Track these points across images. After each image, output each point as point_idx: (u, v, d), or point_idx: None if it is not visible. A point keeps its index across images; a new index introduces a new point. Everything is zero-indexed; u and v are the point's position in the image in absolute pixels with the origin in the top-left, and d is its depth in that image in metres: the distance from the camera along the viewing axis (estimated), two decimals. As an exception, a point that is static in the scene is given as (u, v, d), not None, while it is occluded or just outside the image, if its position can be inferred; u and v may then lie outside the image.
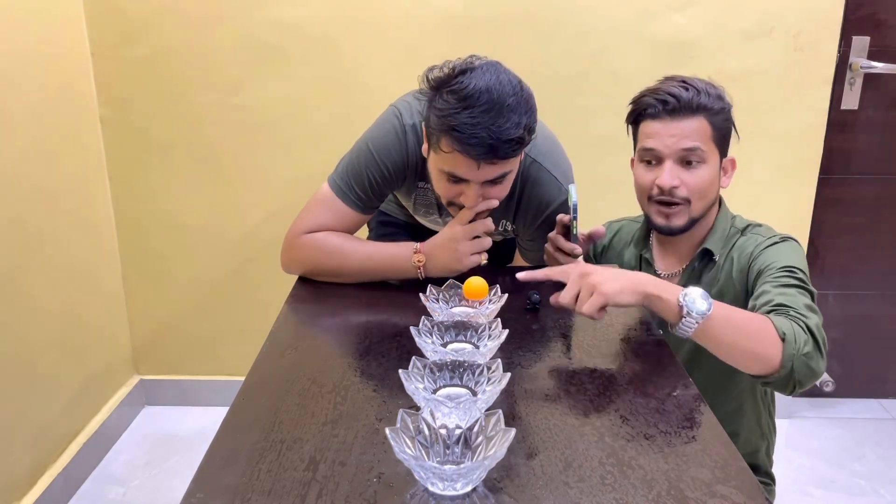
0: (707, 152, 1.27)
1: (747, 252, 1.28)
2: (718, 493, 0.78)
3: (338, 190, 1.36)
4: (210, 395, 2.35)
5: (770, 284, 1.16)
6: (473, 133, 1.12)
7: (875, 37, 2.07)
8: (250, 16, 2.02)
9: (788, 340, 1.03)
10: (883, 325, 2.35)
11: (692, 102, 1.25)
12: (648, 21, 2.01)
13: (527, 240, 1.48)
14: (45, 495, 1.82)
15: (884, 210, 2.24)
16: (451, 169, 1.20)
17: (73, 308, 1.99)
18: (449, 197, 1.28)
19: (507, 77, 1.16)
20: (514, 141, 1.15)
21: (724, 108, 1.28)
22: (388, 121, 1.36)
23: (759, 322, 1.05)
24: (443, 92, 1.17)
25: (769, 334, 1.04)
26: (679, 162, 1.27)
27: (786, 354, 1.02)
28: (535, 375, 1.04)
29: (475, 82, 1.13)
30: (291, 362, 1.08)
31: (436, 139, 1.20)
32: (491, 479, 0.80)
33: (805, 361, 1.03)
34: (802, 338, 1.04)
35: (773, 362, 1.03)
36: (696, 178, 1.27)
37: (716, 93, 1.28)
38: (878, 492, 2.00)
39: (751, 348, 1.04)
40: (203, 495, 0.78)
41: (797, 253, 1.24)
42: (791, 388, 1.06)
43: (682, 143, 1.26)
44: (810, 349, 1.04)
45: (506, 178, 1.24)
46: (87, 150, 2.08)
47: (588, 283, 1.08)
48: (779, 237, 1.27)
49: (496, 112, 1.12)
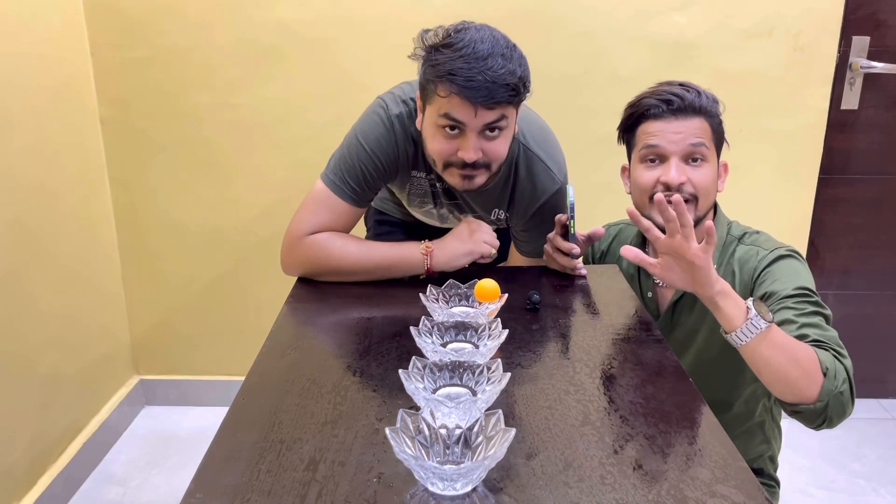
0: (709, 152, 1.27)
1: (750, 267, 1.26)
2: (718, 493, 0.78)
3: (332, 185, 1.37)
4: (210, 395, 2.35)
5: (791, 312, 1.14)
6: (470, 76, 1.15)
7: (875, 37, 2.07)
8: (250, 16, 2.02)
9: (829, 377, 1.03)
10: (883, 325, 2.35)
11: (695, 103, 1.26)
12: (648, 21, 2.01)
13: (520, 230, 1.48)
14: (44, 495, 1.82)
15: (884, 210, 2.24)
16: (448, 110, 1.20)
17: (73, 308, 1.99)
18: (446, 153, 1.25)
19: (500, 34, 1.22)
20: (509, 86, 1.17)
21: (719, 114, 1.30)
22: (374, 112, 1.37)
23: (806, 351, 1.05)
24: (438, 47, 1.20)
25: (813, 365, 1.04)
26: (684, 159, 1.27)
27: (825, 389, 1.03)
28: (535, 375, 1.04)
29: (470, 35, 1.18)
30: (291, 362, 1.08)
31: (433, 88, 1.21)
32: (491, 479, 0.79)
33: (840, 400, 1.04)
34: (842, 376, 1.05)
35: (812, 393, 1.04)
36: (701, 176, 1.26)
37: (712, 97, 1.29)
38: (878, 492, 2.00)
39: (795, 374, 1.04)
40: (203, 495, 0.78)
41: (804, 270, 1.22)
42: (819, 423, 1.07)
43: (689, 139, 1.26)
44: (846, 390, 1.04)
45: (502, 133, 1.24)
46: (87, 150, 2.08)
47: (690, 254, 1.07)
48: (782, 251, 1.25)
49: (492, 59, 1.16)
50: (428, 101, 1.24)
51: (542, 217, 1.40)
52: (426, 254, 1.34)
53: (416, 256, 1.35)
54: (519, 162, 1.38)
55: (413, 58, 1.24)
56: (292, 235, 1.37)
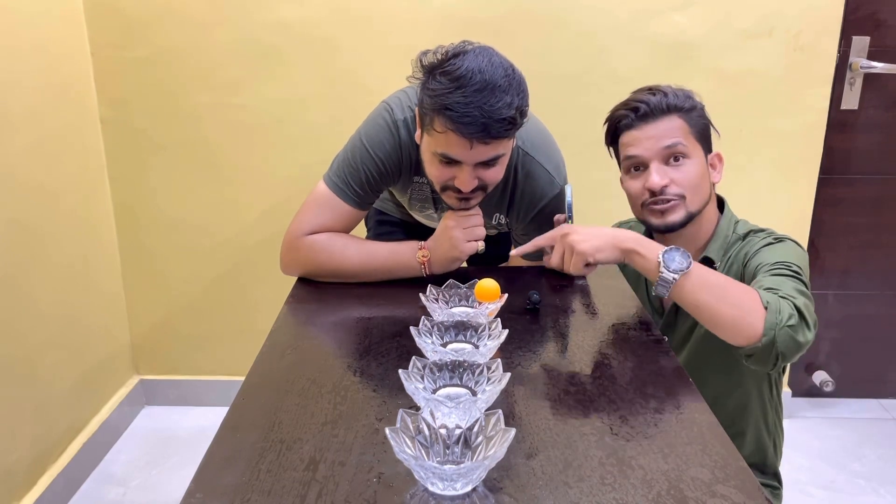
0: (689, 146, 1.28)
1: (744, 253, 1.27)
2: (718, 493, 0.78)
3: (334, 187, 1.37)
4: (210, 395, 2.35)
5: (763, 274, 1.16)
6: (466, 112, 1.13)
7: (875, 37, 2.07)
8: (250, 16, 2.02)
9: (772, 310, 1.03)
10: (883, 325, 2.35)
11: (662, 104, 1.27)
12: (648, 21, 2.01)
13: (521, 234, 1.48)
14: (45, 495, 1.82)
15: (884, 210, 2.24)
16: (445, 150, 1.20)
17: (72, 308, 1.99)
18: (442, 181, 1.26)
19: (498, 59, 1.18)
20: (506, 120, 1.15)
21: (696, 106, 1.30)
22: (379, 115, 1.37)
23: (742, 290, 1.06)
24: (436, 74, 1.18)
25: (753, 303, 1.04)
26: (664, 161, 1.28)
27: (768, 323, 1.02)
28: (535, 375, 1.04)
29: (467, 64, 1.15)
30: (291, 362, 1.08)
31: (429, 120, 1.20)
32: (491, 479, 0.79)
33: (789, 333, 1.03)
34: (787, 311, 1.03)
35: (755, 330, 1.03)
36: (683, 173, 1.27)
37: (683, 94, 1.30)
38: (878, 492, 2.00)
39: (731, 313, 1.05)
40: (203, 495, 0.78)
41: (794, 251, 1.23)
42: (773, 362, 1.05)
43: (662, 141, 1.27)
44: (795, 322, 1.03)
45: (498, 161, 1.24)
46: (87, 150, 2.08)
47: (567, 243, 1.14)
48: (779, 235, 1.27)
49: (488, 92, 1.13)
50: (425, 129, 1.23)
51: (542, 221, 1.40)
52: (423, 263, 1.34)
53: (413, 265, 1.35)
54: (518, 166, 1.37)
55: (411, 80, 1.24)
56: (292, 235, 1.37)
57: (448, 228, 1.33)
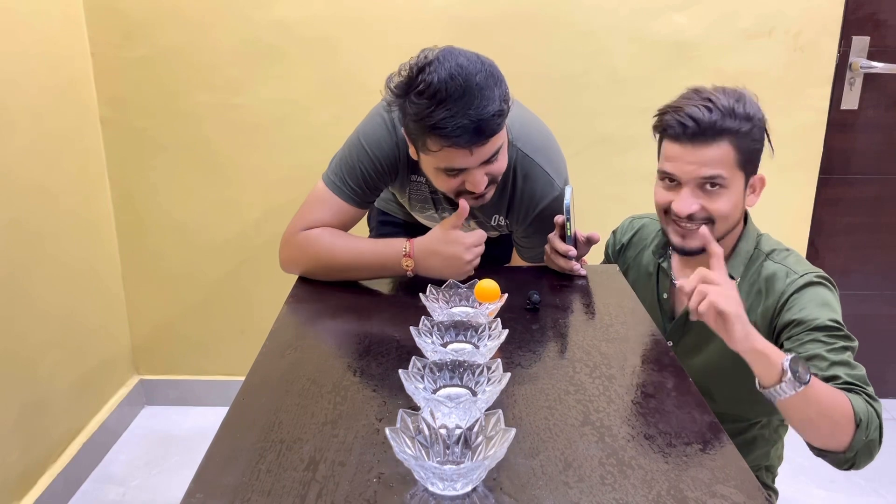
0: (729, 178, 1.19)
1: (778, 289, 1.21)
2: (718, 493, 0.78)
3: (332, 185, 1.37)
4: (210, 395, 2.35)
5: (822, 347, 1.10)
6: (456, 124, 1.12)
7: (875, 37, 2.07)
8: (250, 16, 2.02)
9: (862, 427, 1.02)
10: (883, 325, 2.35)
11: (715, 126, 1.17)
12: (648, 21, 2.01)
13: (521, 236, 1.48)
14: (44, 495, 1.82)
15: (884, 210, 2.24)
16: (448, 164, 1.20)
17: (72, 308, 1.99)
18: (454, 189, 1.27)
19: (464, 59, 1.15)
20: (495, 116, 1.15)
21: (753, 128, 1.19)
22: (377, 114, 1.37)
23: (839, 403, 1.02)
24: (410, 96, 1.16)
25: (847, 418, 1.02)
26: (699, 187, 1.21)
27: (856, 439, 1.02)
28: (536, 375, 1.04)
29: (438, 75, 1.12)
30: (291, 362, 1.08)
31: (421, 143, 1.20)
32: (491, 479, 0.79)
33: (869, 448, 1.03)
34: (875, 424, 1.03)
35: (843, 444, 1.03)
36: (716, 204, 1.20)
37: (743, 112, 1.18)
38: (878, 492, 2.00)
39: (829, 427, 1.03)
40: (203, 495, 0.78)
41: (833, 300, 1.18)
42: (846, 467, 1.06)
43: (702, 171, 1.19)
44: (875, 437, 1.03)
45: (499, 153, 1.24)
46: (87, 150, 2.08)
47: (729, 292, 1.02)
48: (812, 277, 1.20)
49: (469, 96, 1.12)
50: (420, 149, 1.23)
51: (542, 223, 1.40)
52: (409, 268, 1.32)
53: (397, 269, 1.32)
54: (517, 168, 1.37)
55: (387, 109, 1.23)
56: (289, 232, 1.38)
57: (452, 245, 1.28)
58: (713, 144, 1.18)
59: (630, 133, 2.00)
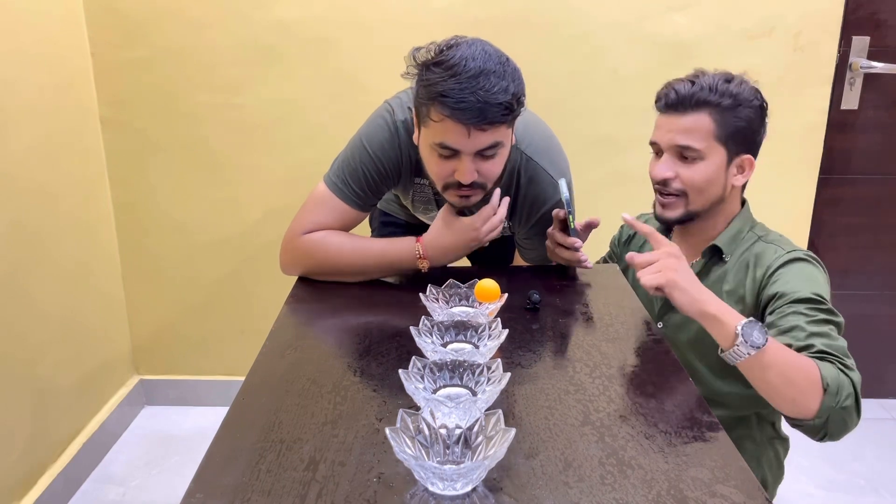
0: (704, 150, 1.24)
1: (764, 262, 1.24)
2: (718, 493, 0.78)
3: (334, 187, 1.36)
4: (210, 395, 2.35)
5: (802, 318, 1.12)
6: (462, 97, 1.13)
7: (875, 37, 2.07)
8: (250, 16, 2.02)
9: (830, 392, 1.01)
10: (883, 325, 2.35)
11: (692, 98, 1.23)
12: (648, 21, 2.01)
13: (524, 238, 1.48)
14: (44, 495, 1.82)
15: (884, 210, 2.24)
16: (442, 139, 1.19)
17: (72, 308, 1.99)
18: (443, 176, 1.25)
19: (492, 49, 1.19)
20: (502, 105, 1.15)
21: (738, 105, 1.23)
22: (380, 116, 1.37)
23: (805, 367, 1.03)
24: (430, 66, 1.18)
25: (812, 382, 1.02)
26: (676, 156, 1.27)
27: (824, 405, 1.02)
28: (535, 375, 1.04)
29: (461, 53, 1.16)
30: (291, 362, 1.08)
31: (425, 111, 1.19)
32: (491, 479, 0.80)
33: (842, 415, 1.02)
34: (846, 391, 1.02)
35: (811, 409, 1.02)
36: (691, 173, 1.26)
37: (727, 89, 1.23)
38: (878, 492, 2.00)
39: (792, 392, 1.03)
40: (203, 495, 0.78)
41: (819, 275, 1.20)
42: (821, 437, 1.06)
43: (676, 138, 1.25)
44: (850, 404, 1.02)
45: (497, 153, 1.23)
46: (87, 150, 2.08)
47: (664, 263, 1.09)
48: (799, 254, 1.23)
49: (483, 77, 1.14)
50: (422, 122, 1.23)
51: (545, 225, 1.39)
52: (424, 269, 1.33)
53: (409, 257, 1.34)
54: (521, 170, 1.37)
55: (406, 76, 1.23)
56: (290, 235, 1.37)
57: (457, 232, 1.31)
58: (689, 114, 1.24)
59: (630, 133, 1.99)
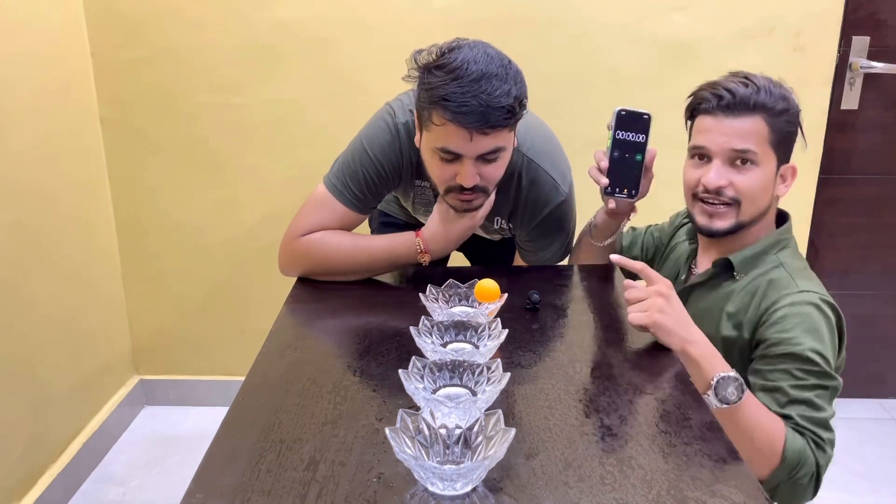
0: (761, 154, 1.18)
1: (773, 296, 1.17)
2: (718, 493, 0.78)
3: (333, 189, 1.36)
4: (210, 395, 2.35)
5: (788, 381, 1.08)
6: (464, 101, 1.13)
7: (875, 37, 2.07)
8: (250, 17, 2.02)
9: (786, 465, 1.00)
10: (883, 325, 2.35)
11: (749, 100, 1.17)
12: (648, 21, 2.01)
13: (525, 240, 1.48)
14: (44, 495, 1.82)
15: (884, 210, 2.24)
16: (444, 143, 1.18)
17: (72, 308, 1.99)
18: (445, 180, 1.25)
19: (494, 51, 1.18)
20: (504, 108, 1.14)
21: (788, 110, 1.19)
22: (381, 118, 1.36)
23: (773, 433, 1.01)
24: (431, 69, 1.18)
25: (774, 450, 1.00)
26: (728, 162, 1.19)
27: (774, 474, 1.01)
28: (535, 375, 1.04)
29: (463, 56, 1.15)
30: (291, 362, 1.08)
31: (427, 115, 1.19)
32: (491, 479, 0.79)
33: (793, 489, 1.01)
34: (805, 469, 1.00)
35: (761, 473, 1.01)
36: (746, 180, 1.18)
37: (779, 92, 1.18)
38: (878, 492, 2.00)
39: (748, 451, 0.97)
40: (203, 495, 0.78)
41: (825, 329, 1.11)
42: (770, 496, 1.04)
43: (734, 142, 1.17)
44: (806, 483, 1.01)
45: (499, 157, 1.22)
46: (87, 150, 2.08)
47: (652, 303, 1.07)
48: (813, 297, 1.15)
49: (485, 81, 1.13)
50: (424, 125, 1.22)
51: (546, 228, 1.39)
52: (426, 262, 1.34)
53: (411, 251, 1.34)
54: (522, 173, 1.36)
55: (407, 79, 1.23)
56: (289, 237, 1.37)
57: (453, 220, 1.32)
58: (747, 117, 1.17)
59: (630, 133, 2.00)
